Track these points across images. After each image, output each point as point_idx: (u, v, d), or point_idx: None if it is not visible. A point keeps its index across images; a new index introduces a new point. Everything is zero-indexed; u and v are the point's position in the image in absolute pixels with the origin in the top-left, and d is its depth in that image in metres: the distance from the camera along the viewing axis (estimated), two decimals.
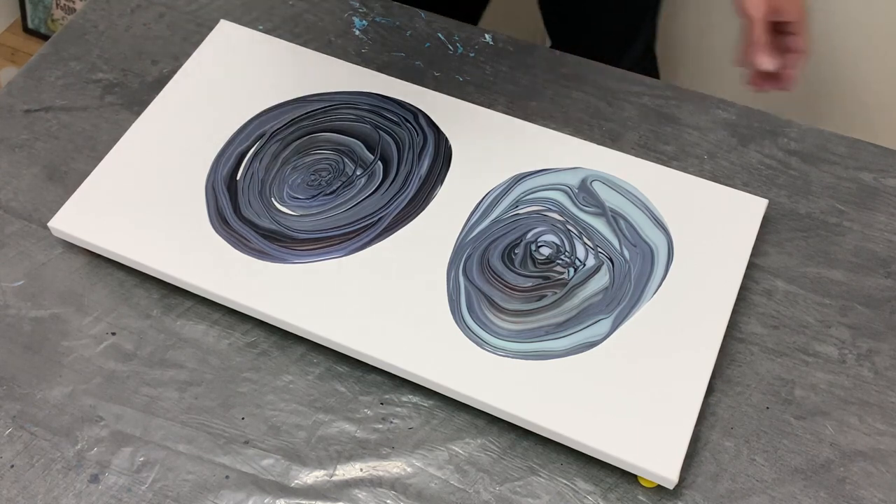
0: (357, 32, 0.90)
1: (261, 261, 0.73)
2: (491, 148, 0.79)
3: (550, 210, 0.76)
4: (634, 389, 0.67)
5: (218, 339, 0.73)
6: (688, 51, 1.49)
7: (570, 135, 0.81)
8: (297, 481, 0.67)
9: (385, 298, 0.71)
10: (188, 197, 0.77)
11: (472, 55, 0.88)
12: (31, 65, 0.88)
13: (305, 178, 0.78)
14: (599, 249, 0.74)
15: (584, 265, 0.73)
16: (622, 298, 0.71)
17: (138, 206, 0.76)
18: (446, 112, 0.82)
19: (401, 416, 0.69)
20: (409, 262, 0.73)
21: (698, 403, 0.66)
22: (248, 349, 0.72)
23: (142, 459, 0.68)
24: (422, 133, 0.81)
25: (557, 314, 0.71)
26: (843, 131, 0.84)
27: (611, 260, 0.73)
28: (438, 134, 0.80)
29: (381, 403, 0.70)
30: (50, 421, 0.69)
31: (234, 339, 0.73)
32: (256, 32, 0.88)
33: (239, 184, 0.78)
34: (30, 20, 2.01)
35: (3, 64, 1.97)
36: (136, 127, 0.81)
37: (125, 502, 0.66)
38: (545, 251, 0.74)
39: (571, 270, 0.73)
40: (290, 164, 0.79)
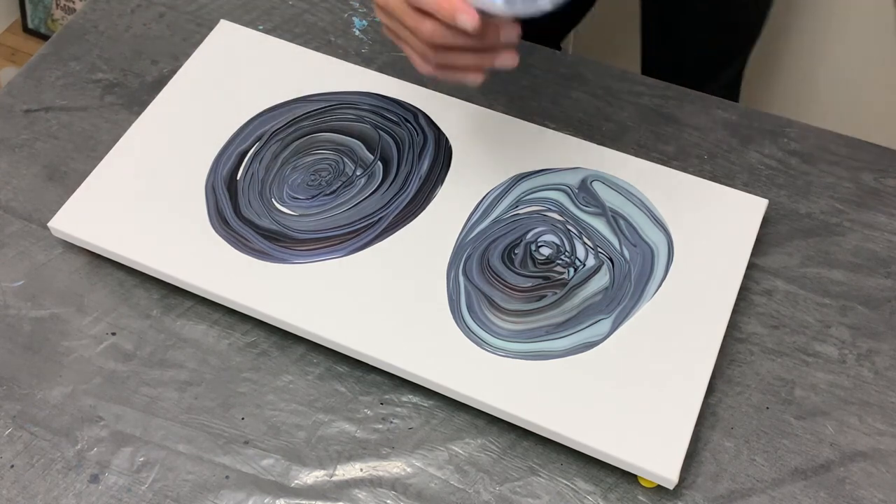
0: (357, 32, 0.90)
1: (261, 261, 0.73)
2: (491, 148, 0.79)
3: (550, 210, 0.76)
4: (634, 389, 0.67)
5: (218, 339, 0.73)
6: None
7: (570, 135, 0.81)
8: (297, 481, 0.67)
9: (385, 298, 0.71)
10: (188, 197, 0.77)
11: None
12: (31, 65, 0.88)
13: (305, 178, 0.78)
14: (599, 249, 0.74)
15: (584, 265, 0.73)
16: (622, 298, 0.71)
17: (138, 207, 0.76)
18: (446, 112, 0.82)
19: (401, 416, 0.69)
20: (409, 262, 0.73)
21: (698, 403, 0.66)
22: (248, 349, 0.72)
23: (142, 459, 0.68)
24: (422, 133, 0.81)
25: (557, 314, 0.71)
26: (843, 131, 0.84)
27: (611, 260, 0.73)
28: (438, 134, 0.80)
29: (381, 403, 0.70)
30: (50, 421, 0.69)
31: (234, 339, 0.73)
32: (256, 32, 0.88)
33: (239, 184, 0.78)
34: (30, 20, 2.01)
35: (3, 64, 1.97)
36: (136, 127, 0.81)
37: (125, 502, 0.66)
38: (545, 251, 0.74)
39: (571, 270, 0.73)
40: (290, 164, 0.79)
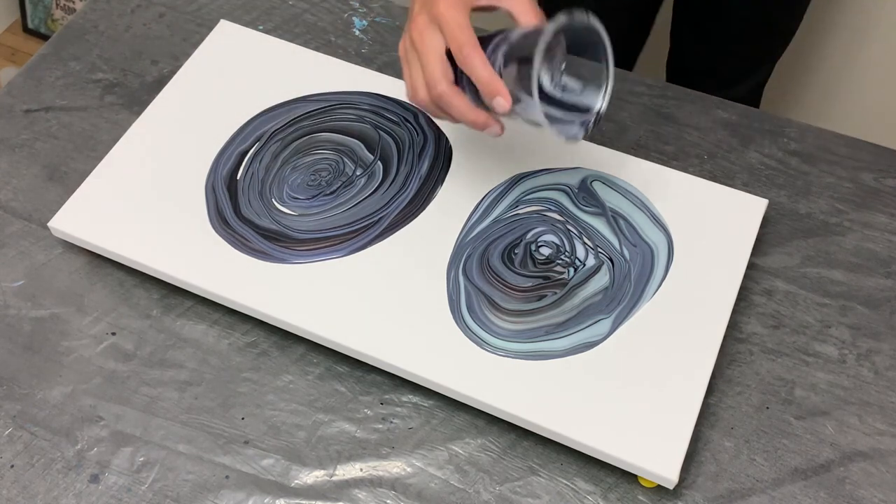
0: (357, 32, 0.90)
1: (261, 261, 0.73)
2: (491, 148, 0.79)
3: (550, 210, 0.76)
4: (634, 389, 0.67)
5: (218, 339, 0.73)
6: None
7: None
8: (297, 481, 0.67)
9: (385, 298, 0.71)
10: (188, 197, 0.77)
11: None
12: (31, 65, 0.88)
13: (305, 178, 0.78)
14: (599, 249, 0.74)
15: (584, 265, 0.73)
16: (622, 298, 0.71)
17: (138, 207, 0.76)
18: None
19: (401, 416, 0.69)
20: (409, 262, 0.73)
21: (698, 403, 0.66)
22: (248, 349, 0.72)
23: (142, 459, 0.68)
24: (422, 133, 0.81)
25: (557, 314, 0.71)
26: (843, 131, 0.84)
27: (611, 260, 0.73)
28: (438, 134, 0.80)
29: (381, 403, 0.70)
30: (50, 421, 0.69)
31: (234, 339, 0.73)
32: (256, 32, 0.88)
33: (239, 184, 0.78)
34: (30, 20, 2.01)
35: (3, 64, 1.97)
36: (136, 127, 0.81)
37: (125, 502, 0.66)
38: (545, 251, 0.74)
39: (571, 270, 0.73)
40: (290, 164, 0.79)
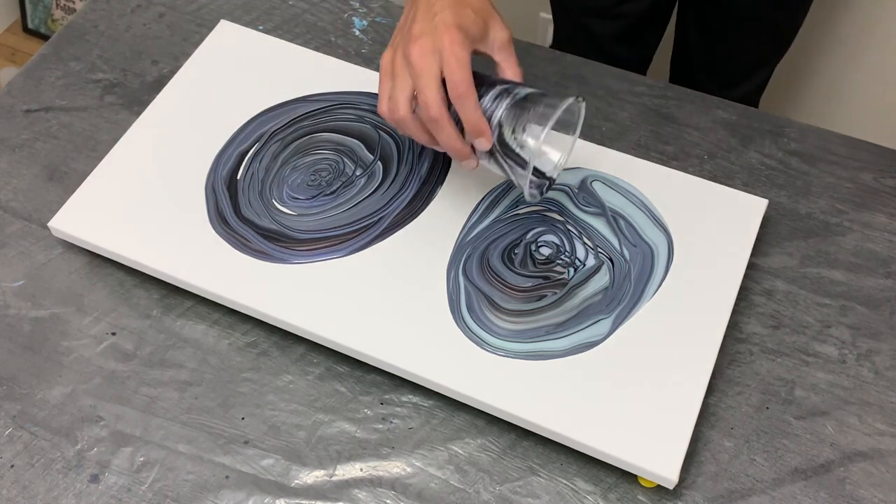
0: (357, 32, 0.90)
1: (261, 261, 0.73)
2: None
3: (550, 210, 0.76)
4: (634, 389, 0.67)
5: (218, 339, 0.73)
6: None
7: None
8: (297, 481, 0.67)
9: (385, 298, 0.71)
10: (188, 197, 0.77)
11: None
12: (31, 65, 0.88)
13: (305, 178, 0.78)
14: (599, 249, 0.74)
15: (584, 265, 0.73)
16: (622, 298, 0.71)
17: (138, 206, 0.76)
18: None
19: (401, 416, 0.69)
20: (409, 262, 0.73)
21: (698, 403, 0.66)
22: (248, 349, 0.72)
23: (142, 459, 0.68)
24: None
25: (557, 314, 0.71)
26: (843, 131, 0.84)
27: (611, 260, 0.73)
28: None
29: (381, 403, 0.70)
30: (50, 421, 0.69)
31: (234, 339, 0.73)
32: (256, 32, 0.88)
33: (239, 184, 0.78)
34: (30, 20, 2.01)
35: (3, 64, 1.97)
36: (136, 127, 0.81)
37: (125, 502, 0.66)
38: (545, 251, 0.74)
39: (571, 270, 0.73)
40: (290, 165, 0.79)
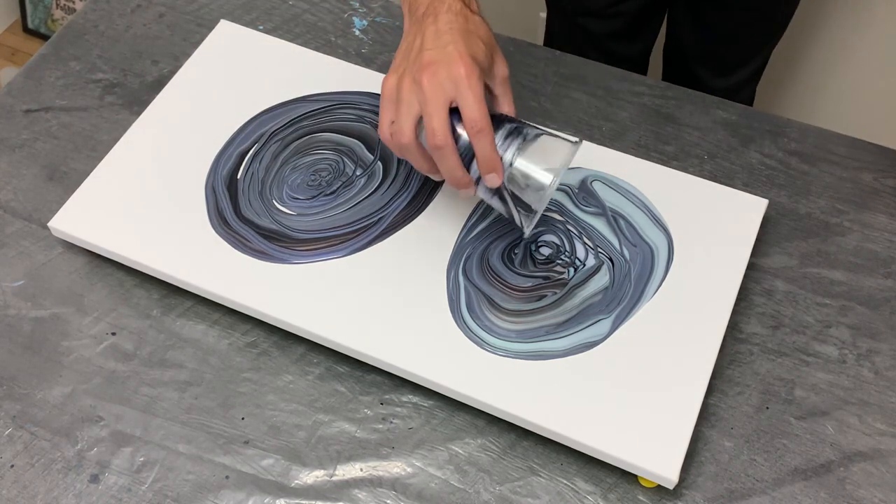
0: (357, 32, 0.90)
1: (261, 261, 0.73)
2: None
3: (550, 210, 0.76)
4: (634, 389, 0.67)
5: (218, 339, 0.73)
6: None
7: (568, 134, 0.81)
8: (297, 481, 0.67)
9: (385, 298, 0.71)
10: (188, 197, 0.77)
11: None
12: (31, 65, 0.88)
13: (305, 178, 0.78)
14: (599, 249, 0.74)
15: (584, 265, 0.73)
16: (622, 298, 0.71)
17: (138, 206, 0.76)
18: None
19: (401, 416, 0.69)
20: (409, 262, 0.73)
21: (698, 403, 0.66)
22: (248, 349, 0.72)
23: (142, 459, 0.68)
24: None
25: (557, 314, 0.71)
26: (843, 131, 0.84)
27: (611, 260, 0.73)
28: None
29: (381, 403, 0.70)
30: (50, 421, 0.69)
31: (234, 339, 0.73)
32: (256, 32, 0.88)
33: (239, 184, 0.78)
34: (30, 20, 2.01)
35: (3, 64, 1.97)
36: (136, 127, 0.81)
37: (125, 502, 0.66)
38: (545, 251, 0.74)
39: (571, 270, 0.73)
40: (290, 164, 0.79)
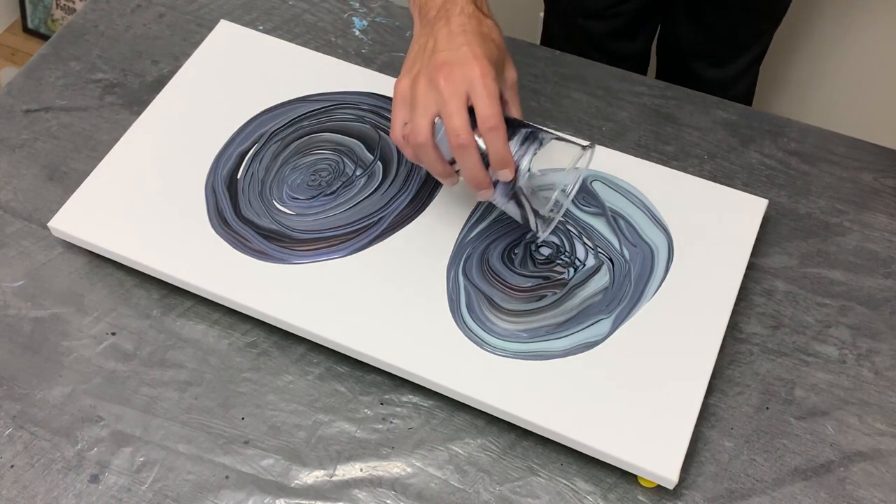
0: (357, 32, 0.90)
1: (261, 261, 0.73)
2: None
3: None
4: (634, 389, 0.67)
5: (218, 339, 0.73)
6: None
7: (571, 135, 0.81)
8: (297, 481, 0.67)
9: (385, 298, 0.71)
10: (188, 197, 0.77)
11: None
12: (31, 65, 0.88)
13: (305, 178, 0.78)
14: (599, 249, 0.74)
15: (584, 265, 0.73)
16: (622, 298, 0.71)
17: (138, 206, 0.76)
18: None
19: (401, 416, 0.69)
20: (409, 262, 0.73)
21: (698, 403, 0.66)
22: (248, 349, 0.72)
23: (142, 459, 0.68)
24: None
25: (557, 314, 0.71)
26: (844, 131, 0.84)
27: (611, 260, 0.73)
28: None
29: (381, 403, 0.70)
30: (50, 421, 0.69)
31: (234, 339, 0.73)
32: (256, 32, 0.88)
33: (239, 184, 0.78)
34: (30, 20, 2.01)
35: (3, 64, 1.97)
36: (136, 127, 0.81)
37: (125, 502, 0.66)
38: (545, 251, 0.74)
39: (571, 270, 0.73)
40: (289, 165, 0.79)
